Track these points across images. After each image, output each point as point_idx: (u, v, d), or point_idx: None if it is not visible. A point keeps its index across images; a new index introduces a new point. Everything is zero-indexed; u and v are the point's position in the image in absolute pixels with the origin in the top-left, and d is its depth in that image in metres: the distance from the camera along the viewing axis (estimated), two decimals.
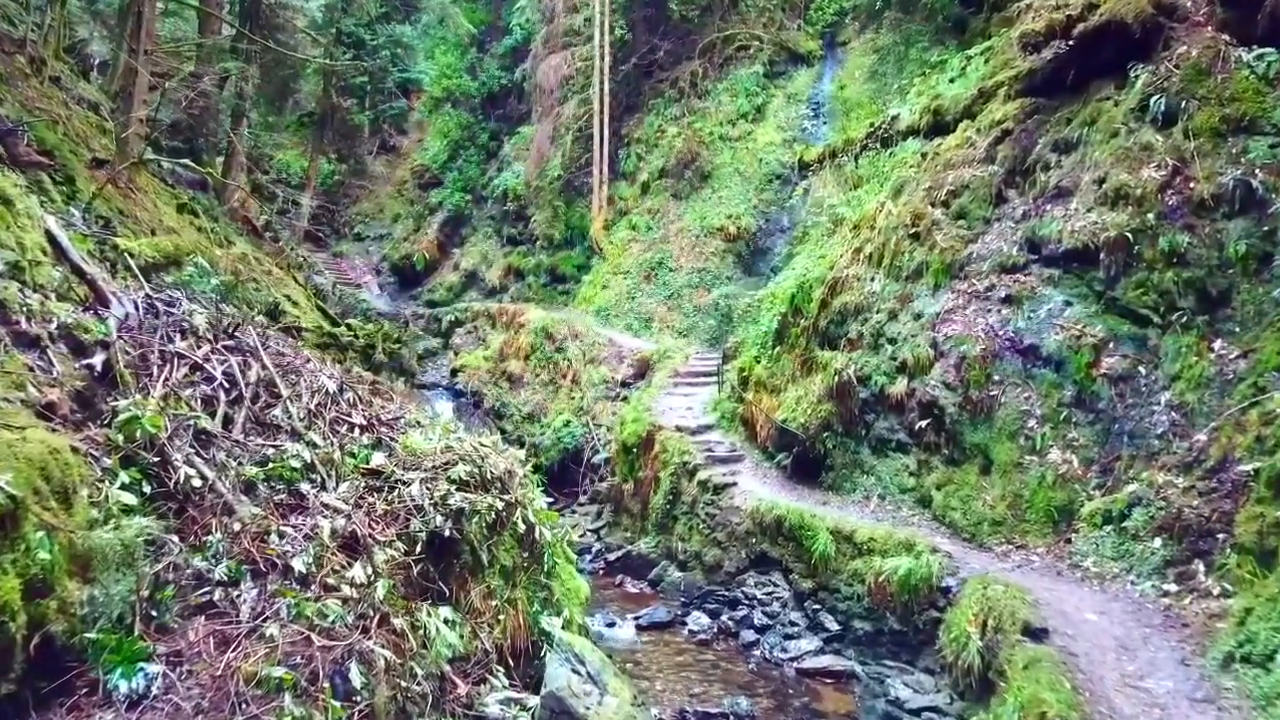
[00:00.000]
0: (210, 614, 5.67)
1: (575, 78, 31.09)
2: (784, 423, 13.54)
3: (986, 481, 10.78)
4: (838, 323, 13.61)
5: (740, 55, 30.98)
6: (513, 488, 8.64)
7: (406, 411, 9.98)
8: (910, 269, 12.87)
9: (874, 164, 16.23)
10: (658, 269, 26.74)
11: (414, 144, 42.49)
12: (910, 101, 15.86)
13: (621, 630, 11.84)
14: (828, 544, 11.13)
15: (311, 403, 8.34)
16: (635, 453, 15.74)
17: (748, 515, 12.71)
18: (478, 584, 7.81)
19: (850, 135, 18.23)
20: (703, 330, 24.90)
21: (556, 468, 20.20)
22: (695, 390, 19.17)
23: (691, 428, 15.69)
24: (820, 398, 13.21)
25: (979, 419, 11.05)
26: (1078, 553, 9.23)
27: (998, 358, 11.20)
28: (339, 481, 7.47)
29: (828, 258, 14.45)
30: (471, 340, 30.19)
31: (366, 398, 9.62)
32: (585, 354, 23.65)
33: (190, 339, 7.96)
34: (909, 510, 11.71)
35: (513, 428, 23.41)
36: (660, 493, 14.54)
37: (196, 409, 7.09)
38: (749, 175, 27.68)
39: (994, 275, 11.98)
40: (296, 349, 10.50)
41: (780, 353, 14.61)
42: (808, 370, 13.88)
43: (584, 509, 18.16)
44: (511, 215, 34.27)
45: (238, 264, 19.38)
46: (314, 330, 14.98)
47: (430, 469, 7.92)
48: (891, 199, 13.86)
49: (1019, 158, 12.68)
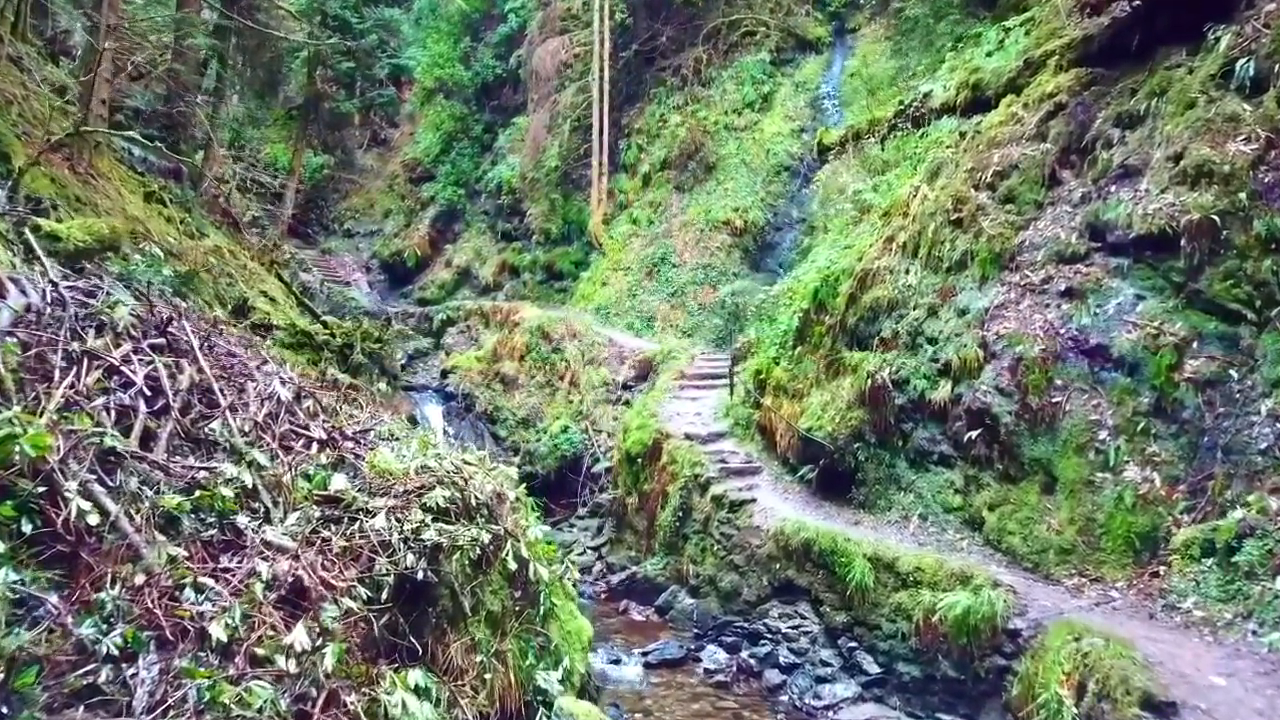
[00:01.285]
0: (91, 703, 4.22)
1: (573, 64, 29.64)
2: (808, 432, 12.12)
3: (1050, 502, 9.36)
4: (868, 320, 12.19)
5: (746, 42, 29.57)
6: (502, 515, 7.22)
7: (379, 421, 8.52)
8: (952, 259, 11.46)
9: (903, 146, 14.85)
10: (660, 265, 25.30)
11: (405, 137, 41.01)
12: (943, 78, 14.47)
13: (628, 669, 10.41)
14: (865, 573, 9.70)
15: (260, 413, 6.88)
16: (640, 463, 14.31)
17: (769, 537, 11.27)
18: (458, 636, 6.38)
19: (875, 115, 16.84)
20: (708, 329, 23.47)
21: (554, 477, 18.77)
22: (703, 394, 17.75)
23: (702, 435, 14.26)
24: (850, 404, 11.79)
25: (1039, 430, 9.63)
26: (1172, 590, 7.81)
27: (1060, 359, 9.78)
28: (287, 511, 6.02)
29: (855, 248, 13.04)
30: (464, 340, 28.76)
31: (331, 405, 8.17)
32: (584, 355, 22.23)
33: (108, 336, 6.51)
34: (956, 533, 10.29)
35: (507, 433, 21.97)
36: (669, 508, 13.11)
37: (106, 423, 5.63)
38: (756, 167, 26.27)
39: (1050, 265, 10.57)
40: (253, 349, 9.06)
41: (802, 354, 13.20)
42: (834, 373, 12.46)
43: (584, 523, 16.73)
44: (506, 210, 32.80)
45: (209, 257, 17.92)
46: (286, 329, 13.57)
47: (402, 494, 6.50)
48: (927, 182, 12.45)
49: (1075, 134, 11.27)
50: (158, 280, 10.48)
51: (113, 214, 16.72)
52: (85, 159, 17.22)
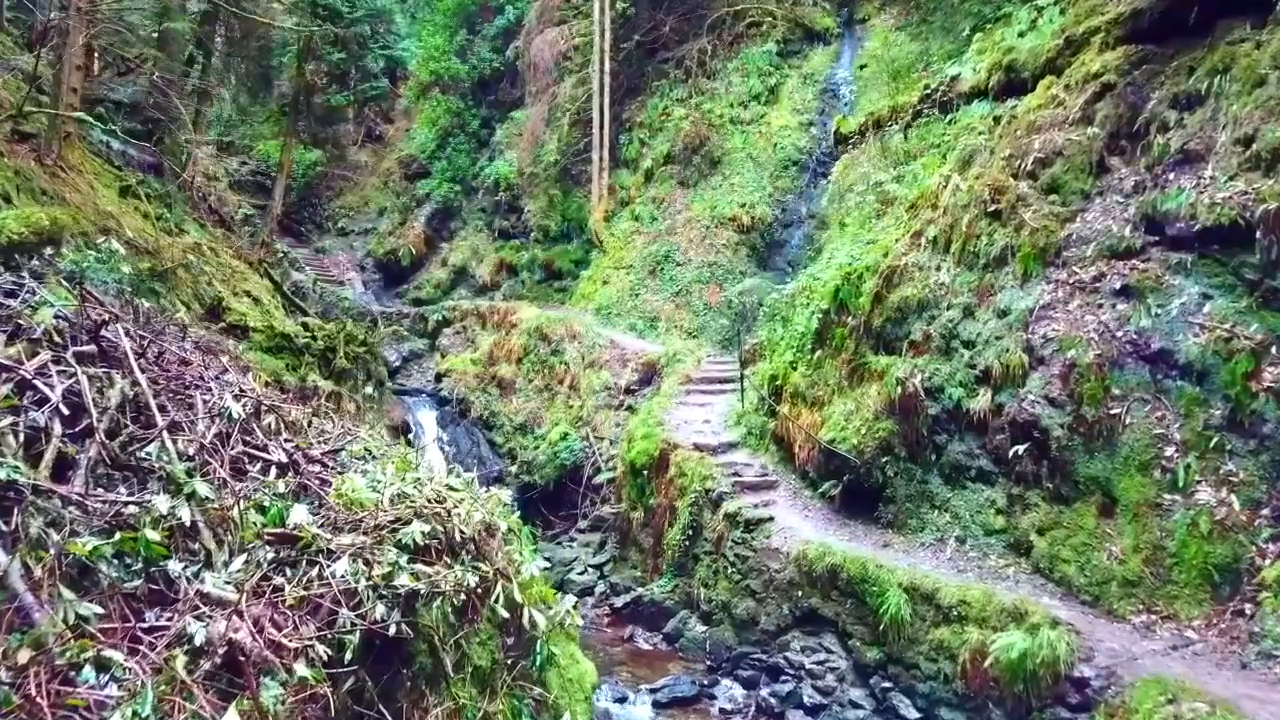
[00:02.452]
0: None
1: (573, 55, 28.58)
2: (831, 444, 11.09)
3: (1110, 527, 8.34)
4: (896, 321, 11.17)
5: (751, 32, 28.52)
6: (492, 551, 6.20)
7: (353, 438, 7.47)
8: (989, 255, 10.43)
9: (928, 133, 13.84)
10: (664, 263, 24.26)
11: (401, 132, 39.94)
12: (971, 60, 13.47)
13: (636, 708, 9.38)
14: (901, 604, 8.68)
15: (208, 433, 5.83)
16: (646, 475, 13.29)
17: (791, 561, 10.25)
18: (439, 700, 5.38)
19: (898, 101, 15.80)
20: (715, 330, 22.44)
21: (552, 487, 17.74)
22: (711, 399, 16.73)
23: (712, 446, 13.24)
24: (877, 413, 10.77)
25: (1096, 445, 8.60)
26: (1266, 634, 6.80)
27: (1117, 366, 8.76)
28: (233, 554, 4.99)
29: (879, 243, 12.01)
30: (460, 341, 27.73)
31: (300, 420, 7.13)
32: (584, 357, 21.19)
33: (20, 344, 5.50)
34: (1000, 558, 9.26)
35: (503, 440, 20.95)
36: (678, 526, 12.09)
37: (8, 451, 4.63)
38: (763, 161, 25.23)
39: (1101, 261, 9.55)
40: (213, 356, 8.04)
41: (822, 358, 12.18)
42: (858, 379, 11.45)
43: (584, 537, 15.68)
44: (504, 207, 31.74)
45: (188, 254, 16.89)
46: (264, 331, 12.56)
47: (373, 530, 5.48)
48: (959, 171, 11.43)
49: (1125, 117, 10.25)
50: (113, 278, 9.47)
51: (82, 208, 15.74)
52: (54, 150, 16.20)
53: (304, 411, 7.70)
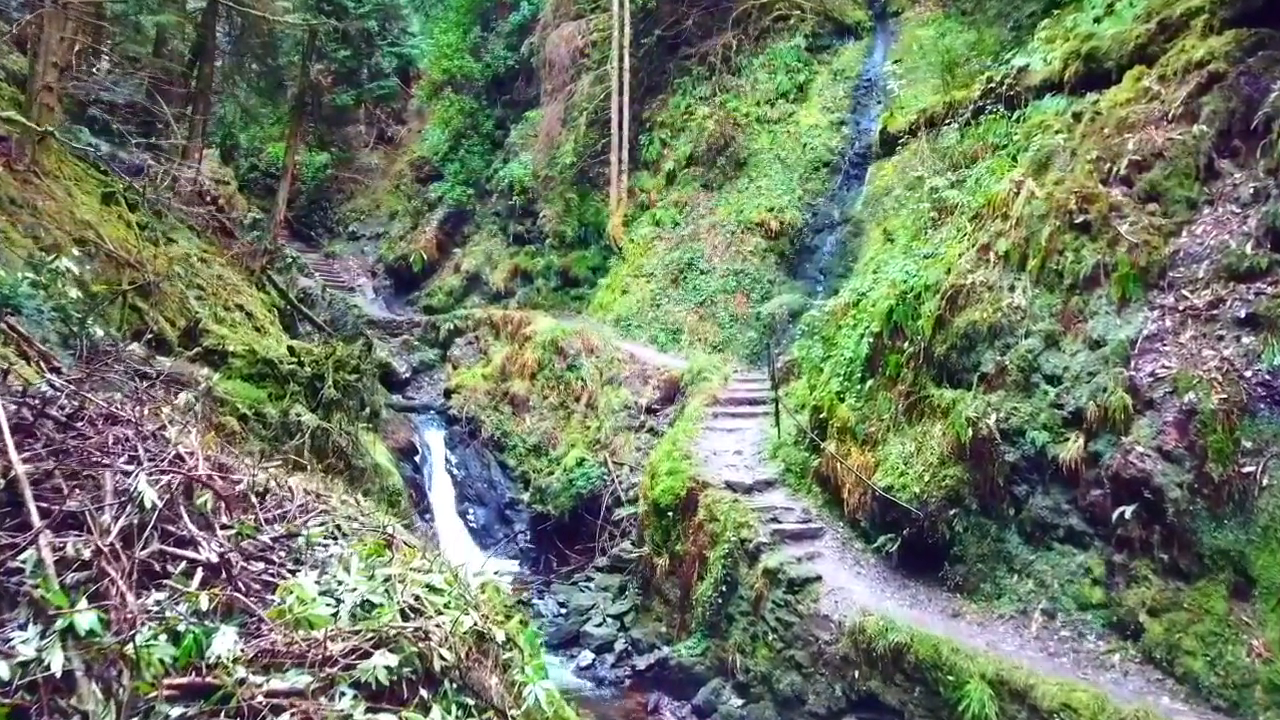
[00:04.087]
0: None
1: (590, 52, 27.15)
2: (888, 492, 9.61)
3: (1247, 613, 6.82)
4: (962, 350, 9.67)
5: (779, 26, 27.00)
6: (484, 677, 4.74)
7: (318, 510, 6.06)
8: (1077, 274, 8.91)
9: (986, 131, 12.32)
10: (687, 271, 22.78)
11: (413, 134, 38.69)
12: (1039, 49, 11.94)
13: None
14: (985, 702, 7.18)
15: (114, 529, 4.42)
16: (671, 517, 11.85)
17: (845, 633, 8.77)
18: None
19: (954, 96, 14.26)
20: (742, 344, 20.96)
21: (568, 518, 16.34)
22: (742, 424, 15.27)
23: (746, 484, 11.77)
24: (942, 457, 9.28)
25: (1225, 510, 7.09)
26: None
27: (1248, 413, 7.24)
28: (123, 716, 3.58)
29: (940, 258, 10.51)
30: (472, 352, 26.38)
31: (248, 492, 5.72)
32: (602, 373, 19.77)
33: None
34: (1100, 640, 7.75)
35: (515, 462, 19.57)
36: (709, 580, 10.64)
37: None
38: (791, 162, 23.72)
39: (1218, 283, 8.03)
40: (153, 407, 6.64)
41: (874, 388, 10.69)
42: (918, 415, 9.96)
43: (602, 579, 14.23)
44: (518, 210, 30.35)
45: (175, 266, 15.61)
46: (244, 356, 11.21)
47: (323, 663, 4.06)
48: (1033, 176, 9.92)
49: (1238, 113, 8.70)
50: (50, 307, 8.13)
51: (57, 217, 14.48)
52: (27, 155, 14.95)
53: (260, 477, 6.26)
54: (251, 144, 37.22)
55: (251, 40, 24.18)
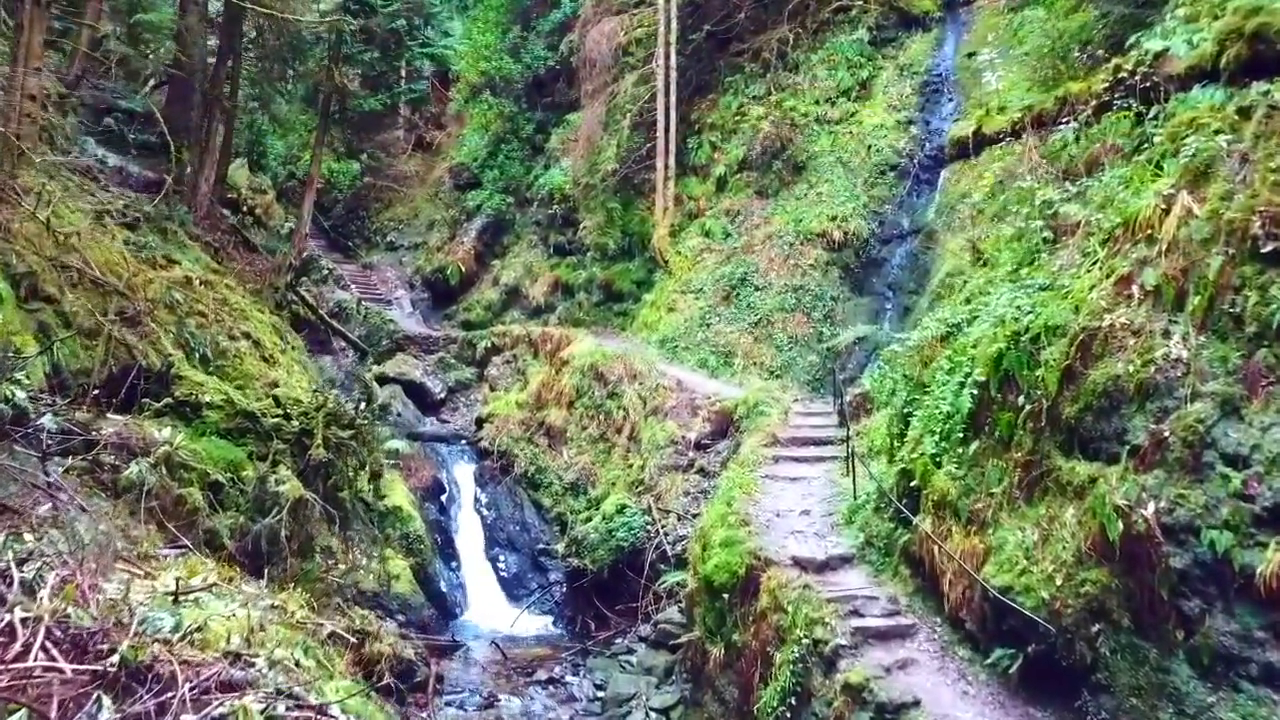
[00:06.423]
0: None
1: (634, 49, 25.27)
2: (1005, 593, 7.54)
3: None
4: (1101, 412, 7.55)
5: (839, 19, 24.89)
6: None
7: (248, 680, 4.24)
8: (1263, 319, 6.76)
9: (1110, 131, 10.15)
10: (739, 287, 20.78)
11: (451, 139, 37.18)
12: (1179, 30, 9.75)
13: None
14: None
15: None
16: (727, 600, 9.88)
17: None
18: None
19: (1068, 90, 11.99)
20: (802, 368, 18.93)
21: (607, 574, 14.45)
22: (807, 470, 13.25)
23: (818, 560, 9.74)
24: (1080, 555, 7.17)
25: None
26: None
27: None
28: None
29: (1065, 292, 8.39)
30: (510, 371, 24.68)
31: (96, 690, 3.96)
32: (645, 402, 17.89)
33: None
34: None
35: (551, 501, 17.77)
36: (774, 686, 8.64)
37: None
38: (855, 166, 21.61)
39: None
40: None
41: (980, 453, 8.60)
42: (1039, 492, 7.86)
43: (646, 655, 12.27)
44: (559, 220, 28.59)
45: (172, 292, 14.07)
46: (221, 408, 9.50)
47: None
48: (1189, 188, 7.75)
49: None
50: None
51: (35, 240, 12.99)
52: (5, 169, 13.53)
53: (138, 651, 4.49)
54: (290, 151, 36.05)
55: (275, 42, 22.72)
